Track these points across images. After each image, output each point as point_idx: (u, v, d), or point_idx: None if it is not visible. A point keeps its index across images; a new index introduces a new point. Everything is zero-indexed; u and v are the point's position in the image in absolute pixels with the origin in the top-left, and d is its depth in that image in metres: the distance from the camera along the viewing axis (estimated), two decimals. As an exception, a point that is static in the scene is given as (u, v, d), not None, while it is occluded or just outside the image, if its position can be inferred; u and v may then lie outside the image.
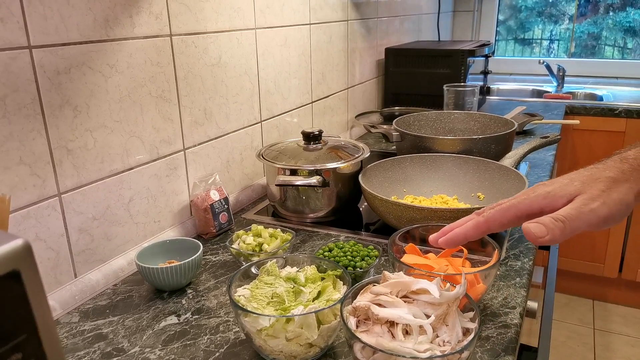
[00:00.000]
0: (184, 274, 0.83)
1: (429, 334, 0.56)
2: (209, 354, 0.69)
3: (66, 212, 0.80)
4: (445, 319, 0.58)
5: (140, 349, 0.71)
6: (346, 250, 0.86)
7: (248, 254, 0.88)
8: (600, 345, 2.18)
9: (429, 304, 0.59)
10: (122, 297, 0.84)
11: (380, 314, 0.58)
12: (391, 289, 0.61)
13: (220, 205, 1.03)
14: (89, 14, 0.79)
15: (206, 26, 1.04)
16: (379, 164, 1.15)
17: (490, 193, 1.10)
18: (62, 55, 0.76)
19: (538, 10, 2.98)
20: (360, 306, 0.60)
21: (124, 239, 0.91)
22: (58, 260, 0.80)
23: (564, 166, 2.25)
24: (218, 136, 1.12)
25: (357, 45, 1.78)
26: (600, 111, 2.15)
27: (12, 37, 0.69)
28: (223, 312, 0.79)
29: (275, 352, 0.64)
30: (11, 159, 0.71)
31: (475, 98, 1.70)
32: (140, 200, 0.94)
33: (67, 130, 0.79)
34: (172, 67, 0.97)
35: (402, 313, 0.57)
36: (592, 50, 2.89)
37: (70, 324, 0.77)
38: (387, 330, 0.58)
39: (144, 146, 0.93)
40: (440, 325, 0.58)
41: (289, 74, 1.37)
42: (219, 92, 1.11)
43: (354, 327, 0.59)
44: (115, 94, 0.86)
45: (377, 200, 0.97)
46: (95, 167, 0.84)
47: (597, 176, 0.58)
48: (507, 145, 1.28)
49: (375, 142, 1.74)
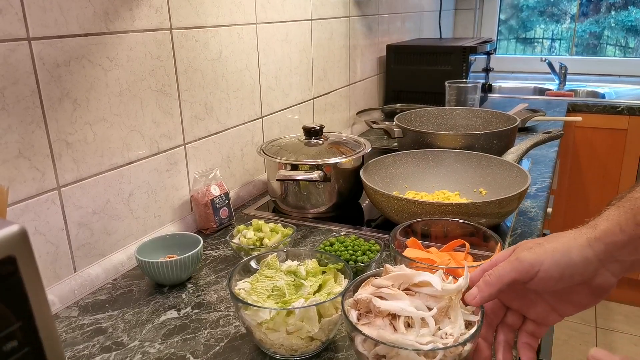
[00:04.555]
0: (184, 268, 0.82)
1: (431, 327, 0.56)
2: (209, 347, 0.69)
3: (66, 205, 0.80)
4: (447, 312, 0.57)
5: (139, 343, 0.70)
6: (347, 244, 0.85)
7: (249, 248, 0.87)
8: (603, 344, 2.17)
9: (431, 297, 0.58)
10: (122, 292, 0.83)
11: (382, 307, 0.57)
12: (393, 281, 0.60)
13: (220, 201, 1.03)
14: (88, 7, 0.79)
15: (207, 20, 1.04)
16: (381, 159, 1.14)
17: (492, 188, 1.09)
18: (61, 48, 0.76)
19: (540, 10, 2.97)
20: (361, 299, 0.59)
21: (123, 233, 0.91)
22: (57, 255, 0.80)
23: (566, 163, 2.24)
24: (219, 131, 1.12)
25: (359, 42, 1.78)
26: (603, 109, 2.14)
27: (11, 28, 0.69)
28: (223, 307, 0.78)
29: (276, 346, 0.64)
30: (10, 151, 0.71)
31: (477, 95, 1.69)
32: (141, 194, 0.93)
33: (67, 124, 0.78)
34: (172, 61, 0.96)
35: (404, 305, 0.57)
36: (593, 49, 2.88)
37: (70, 318, 0.76)
38: (389, 323, 0.57)
39: (144, 140, 0.92)
40: (442, 318, 0.57)
41: (290, 69, 1.37)
42: (220, 87, 1.10)
43: (355, 320, 0.59)
44: (115, 88, 0.85)
45: (378, 195, 0.96)
46: (95, 161, 0.84)
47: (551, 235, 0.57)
48: (509, 141, 1.27)
49: (377, 139, 1.73)
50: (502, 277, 0.54)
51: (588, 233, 0.53)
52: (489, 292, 0.55)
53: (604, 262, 0.53)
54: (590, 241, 0.52)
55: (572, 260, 0.52)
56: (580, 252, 0.52)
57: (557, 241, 0.54)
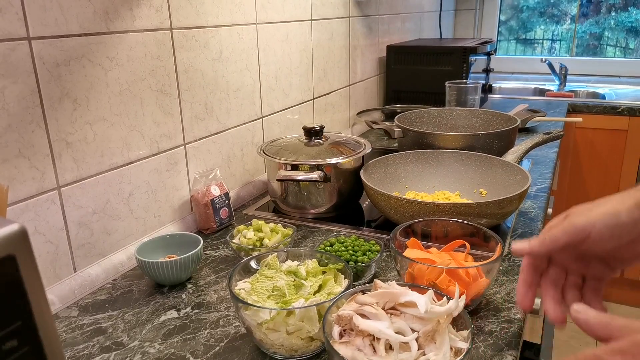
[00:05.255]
0: (184, 268, 0.82)
1: (413, 351, 0.53)
2: (209, 348, 0.69)
3: (65, 205, 0.80)
4: (433, 336, 0.54)
5: (139, 343, 0.70)
6: (347, 244, 0.85)
7: (249, 248, 0.87)
8: (603, 345, 2.16)
9: (418, 319, 0.55)
10: (122, 292, 0.83)
11: (360, 326, 0.54)
12: (378, 299, 0.58)
13: (220, 201, 1.02)
14: (88, 6, 0.79)
15: (207, 20, 1.04)
16: (381, 159, 1.14)
17: (492, 189, 1.09)
18: (61, 47, 0.75)
19: (540, 11, 2.97)
20: (343, 315, 0.56)
21: (123, 233, 0.91)
22: (57, 255, 0.80)
23: (566, 164, 2.24)
24: (219, 131, 1.12)
25: (359, 42, 1.78)
26: (603, 109, 2.14)
27: (11, 28, 0.69)
28: (223, 307, 0.78)
29: (276, 346, 0.64)
30: (10, 151, 0.71)
31: (477, 95, 1.69)
32: (140, 194, 0.93)
33: (67, 123, 0.78)
34: (172, 61, 0.96)
35: (382, 327, 0.54)
36: (594, 50, 2.88)
37: (69, 318, 0.76)
38: (369, 343, 0.54)
39: (144, 140, 0.92)
40: (428, 342, 0.54)
41: (290, 70, 1.37)
42: (220, 87, 1.10)
43: (337, 336, 0.56)
44: (115, 87, 0.85)
45: (378, 195, 0.96)
46: (95, 161, 0.84)
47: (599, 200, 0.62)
48: (509, 141, 1.27)
49: (377, 140, 1.73)
50: (558, 240, 0.59)
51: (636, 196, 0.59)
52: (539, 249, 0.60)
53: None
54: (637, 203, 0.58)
55: (621, 221, 0.57)
56: (629, 214, 0.57)
57: (606, 205, 0.59)
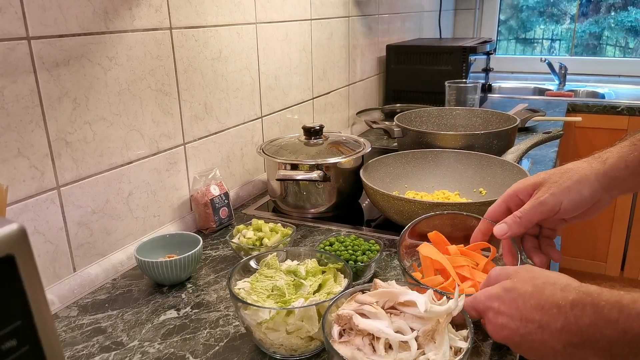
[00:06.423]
0: (183, 268, 0.82)
1: (412, 350, 0.53)
2: (209, 347, 0.69)
3: (65, 205, 0.80)
4: (433, 336, 0.54)
5: (139, 343, 0.70)
6: (347, 244, 0.85)
7: (248, 248, 0.87)
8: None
9: (417, 318, 0.55)
10: (122, 292, 0.83)
11: (360, 325, 0.54)
12: (377, 298, 0.58)
13: (220, 200, 1.02)
14: (88, 6, 0.79)
15: (206, 20, 1.04)
16: (381, 159, 1.14)
17: (492, 188, 1.09)
18: (60, 47, 0.75)
19: (539, 10, 2.97)
20: (343, 315, 0.57)
21: (123, 233, 0.91)
22: (57, 254, 0.79)
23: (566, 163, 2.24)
24: (218, 131, 1.11)
25: (358, 42, 1.78)
26: (603, 109, 2.14)
27: (10, 27, 0.69)
28: (223, 307, 0.78)
29: (276, 346, 0.64)
30: (9, 150, 0.71)
31: (477, 95, 1.69)
32: (140, 194, 0.93)
33: (66, 123, 0.78)
34: (172, 60, 0.96)
35: (382, 326, 0.54)
36: (593, 50, 2.88)
37: (69, 318, 0.76)
38: (369, 342, 0.54)
39: (143, 140, 0.92)
40: (428, 341, 0.54)
41: (290, 69, 1.36)
42: (220, 87, 1.10)
43: (336, 335, 0.56)
44: (115, 87, 0.85)
45: (378, 195, 0.96)
46: (95, 161, 0.83)
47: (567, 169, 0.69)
48: (509, 140, 1.27)
49: (377, 139, 1.73)
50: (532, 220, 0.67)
51: (597, 168, 0.67)
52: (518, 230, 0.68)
53: (607, 191, 0.67)
54: (598, 177, 0.66)
55: (584, 196, 0.66)
56: (590, 188, 0.66)
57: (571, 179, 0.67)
